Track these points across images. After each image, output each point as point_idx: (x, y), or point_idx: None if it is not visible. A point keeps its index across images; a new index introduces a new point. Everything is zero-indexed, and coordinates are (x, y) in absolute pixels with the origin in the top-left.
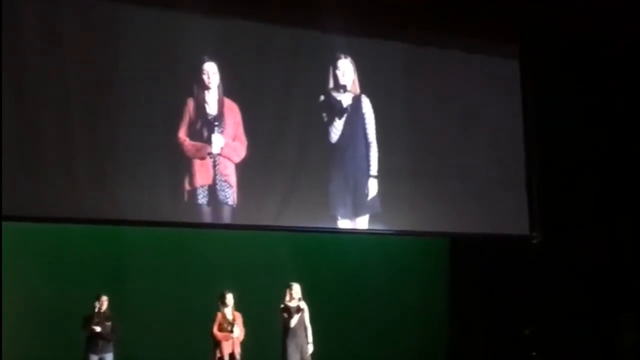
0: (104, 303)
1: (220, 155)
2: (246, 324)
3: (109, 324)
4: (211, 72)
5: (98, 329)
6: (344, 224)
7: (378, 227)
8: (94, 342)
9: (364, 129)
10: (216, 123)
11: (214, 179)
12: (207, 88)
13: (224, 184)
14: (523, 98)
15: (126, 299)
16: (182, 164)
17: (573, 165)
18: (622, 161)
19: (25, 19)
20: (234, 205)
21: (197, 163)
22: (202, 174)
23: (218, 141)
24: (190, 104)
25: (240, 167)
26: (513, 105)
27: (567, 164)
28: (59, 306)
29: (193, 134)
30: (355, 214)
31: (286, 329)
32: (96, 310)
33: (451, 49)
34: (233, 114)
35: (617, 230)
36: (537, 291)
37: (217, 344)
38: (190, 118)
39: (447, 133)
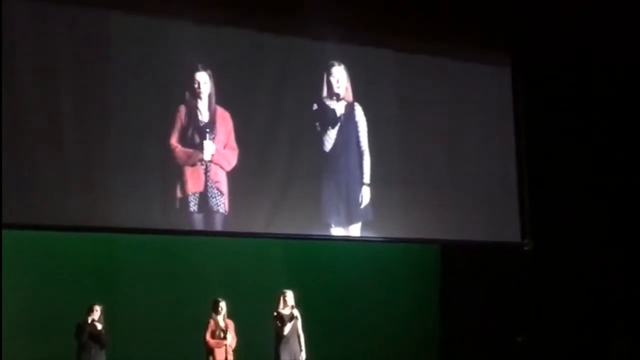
0: (97, 312)
1: (212, 163)
2: (239, 331)
3: (101, 329)
4: (202, 81)
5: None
6: (336, 231)
7: (371, 234)
8: (86, 351)
9: (357, 137)
10: (207, 130)
11: (205, 186)
12: (199, 97)
13: (215, 191)
14: (514, 106)
15: (118, 306)
16: (174, 172)
17: (564, 172)
18: (613, 168)
19: (15, 28)
20: (225, 213)
21: (188, 170)
22: (193, 181)
23: (209, 148)
24: (182, 111)
25: (232, 175)
26: (505, 112)
27: (559, 171)
28: (51, 313)
29: (184, 141)
30: (348, 221)
31: (279, 337)
32: (89, 320)
33: (443, 57)
34: (225, 122)
35: (608, 237)
36: (529, 298)
37: (209, 351)
38: (181, 125)
39: (439, 141)
